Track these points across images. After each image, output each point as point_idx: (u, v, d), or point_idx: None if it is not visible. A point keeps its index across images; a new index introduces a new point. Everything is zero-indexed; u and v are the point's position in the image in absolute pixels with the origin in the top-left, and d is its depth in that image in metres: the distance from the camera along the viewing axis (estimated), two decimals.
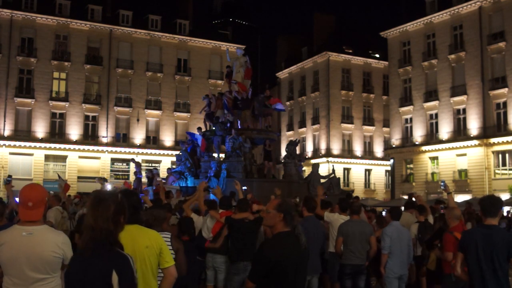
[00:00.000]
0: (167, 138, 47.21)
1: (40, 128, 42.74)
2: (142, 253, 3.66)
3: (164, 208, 5.85)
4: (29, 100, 42.43)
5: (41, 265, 3.59)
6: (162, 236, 5.16)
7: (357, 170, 52.45)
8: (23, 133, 42.06)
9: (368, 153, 53.47)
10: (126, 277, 2.82)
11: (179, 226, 6.86)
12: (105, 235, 2.87)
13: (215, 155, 20.36)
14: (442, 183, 8.65)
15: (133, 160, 25.22)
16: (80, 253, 2.96)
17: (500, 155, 37.64)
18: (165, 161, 44.64)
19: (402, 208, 10.80)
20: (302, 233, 6.76)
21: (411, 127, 44.37)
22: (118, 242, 2.93)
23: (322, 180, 19.90)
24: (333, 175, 20.66)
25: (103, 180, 11.34)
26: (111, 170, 44.55)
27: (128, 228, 3.66)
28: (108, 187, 17.98)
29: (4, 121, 41.57)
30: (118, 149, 44.90)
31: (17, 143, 41.42)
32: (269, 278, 3.68)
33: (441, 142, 40.97)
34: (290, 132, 56.74)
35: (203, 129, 21.41)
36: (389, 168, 48.38)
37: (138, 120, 46.07)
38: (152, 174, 20.37)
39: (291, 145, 21.11)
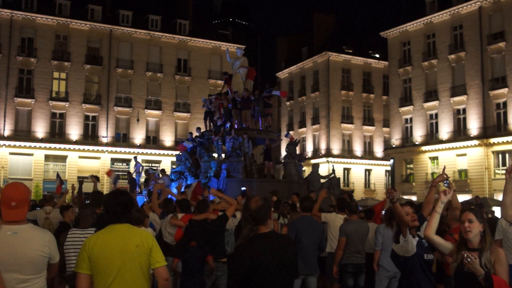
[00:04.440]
0: (167, 138, 47.19)
1: (40, 128, 42.72)
2: (132, 253, 3.55)
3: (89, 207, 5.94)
4: (29, 100, 42.42)
5: (27, 265, 3.49)
6: (87, 231, 5.27)
7: (357, 170, 52.44)
8: (23, 133, 42.04)
9: (368, 153, 53.47)
10: None
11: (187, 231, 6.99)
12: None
13: (216, 155, 20.34)
14: (446, 181, 8.59)
15: (135, 158, 25.45)
16: None
17: (500, 155, 37.64)
18: (165, 161, 44.63)
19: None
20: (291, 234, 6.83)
21: (411, 127, 44.37)
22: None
23: (322, 180, 19.89)
24: (333, 175, 20.65)
25: (96, 178, 11.36)
26: (111, 170, 44.47)
27: (119, 227, 3.63)
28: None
29: (4, 121, 41.56)
30: (118, 149, 44.88)
31: (17, 143, 41.40)
32: (247, 279, 3.55)
33: (441, 142, 40.97)
34: (290, 132, 56.70)
35: (203, 129, 21.45)
36: (389, 168, 48.38)
37: (138, 120, 46.06)
38: (149, 174, 20.30)
39: (291, 145, 21.12)
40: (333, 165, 43.76)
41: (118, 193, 3.81)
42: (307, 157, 47.91)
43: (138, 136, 46.18)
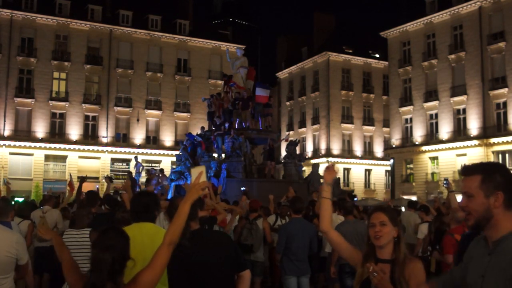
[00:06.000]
0: (167, 138, 47.20)
1: (40, 128, 42.73)
2: None
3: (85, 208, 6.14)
4: (29, 100, 42.42)
5: None
6: (83, 232, 5.31)
7: (357, 170, 52.44)
8: (23, 133, 42.04)
9: (368, 153, 53.47)
10: None
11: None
12: None
13: (215, 155, 20.35)
14: (445, 181, 8.57)
15: (135, 158, 25.49)
16: None
17: (500, 155, 37.63)
18: (165, 161, 44.62)
19: (403, 208, 10.79)
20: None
21: (411, 127, 44.37)
22: None
23: (322, 180, 19.87)
24: None
25: (109, 179, 11.21)
26: (111, 170, 44.47)
27: (144, 226, 3.67)
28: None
29: (4, 121, 41.56)
30: (118, 149, 44.88)
31: (17, 143, 41.40)
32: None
33: (441, 142, 40.98)
34: (290, 132, 56.72)
35: (206, 128, 21.52)
36: (389, 168, 48.38)
37: (138, 120, 46.06)
38: (150, 174, 20.28)
39: (291, 145, 21.15)
40: None
41: (142, 194, 4.09)
42: (307, 157, 47.90)
43: (138, 136, 46.19)
